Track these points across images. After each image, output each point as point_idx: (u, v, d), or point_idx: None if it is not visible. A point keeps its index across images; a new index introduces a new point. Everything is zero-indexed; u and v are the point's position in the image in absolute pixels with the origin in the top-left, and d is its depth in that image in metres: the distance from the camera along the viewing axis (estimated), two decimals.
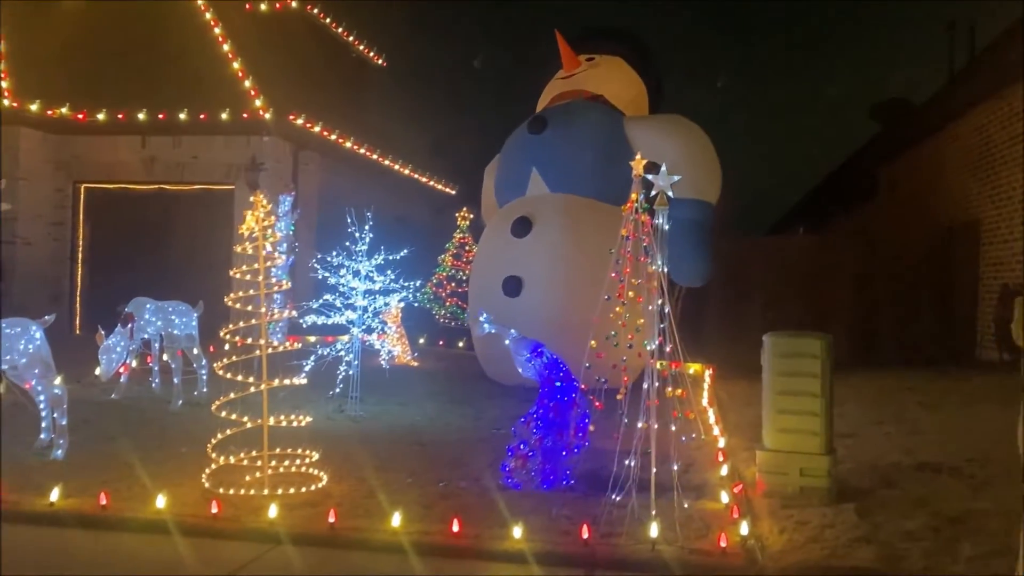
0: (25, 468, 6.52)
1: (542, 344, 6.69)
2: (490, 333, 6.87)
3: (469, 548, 5.02)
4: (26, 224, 16.40)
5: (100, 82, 16.43)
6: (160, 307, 9.41)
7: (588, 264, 11.31)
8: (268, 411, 6.28)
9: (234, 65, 16.49)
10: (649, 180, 9.10)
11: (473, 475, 6.68)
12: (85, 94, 16.29)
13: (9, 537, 5.25)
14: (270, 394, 6.34)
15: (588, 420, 6.51)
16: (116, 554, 5.02)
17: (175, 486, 6.03)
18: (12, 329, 6.78)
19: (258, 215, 6.26)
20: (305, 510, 5.63)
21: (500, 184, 12.90)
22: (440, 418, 9.33)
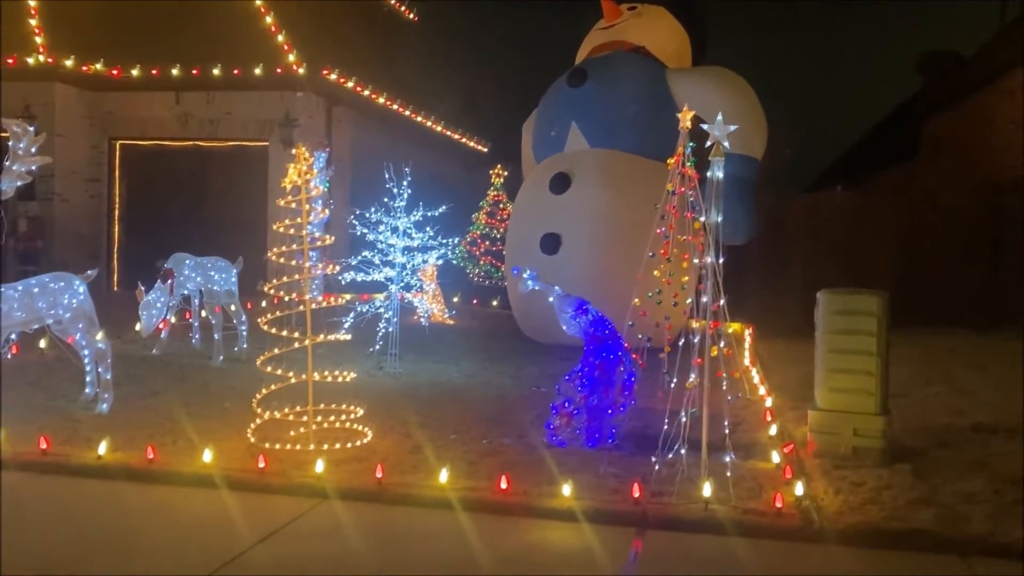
0: (71, 422, 6.56)
1: (587, 301, 6.56)
2: (533, 290, 6.73)
3: (517, 505, 4.96)
4: (63, 181, 16.47)
5: (134, 37, 16.32)
6: (199, 263, 9.39)
7: (628, 220, 11.12)
8: (311, 367, 6.24)
9: (267, 20, 16.29)
10: (699, 132, 8.90)
11: (517, 432, 6.62)
12: (119, 49, 16.20)
13: (58, 489, 5.29)
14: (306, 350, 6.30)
15: (634, 378, 6.39)
16: (164, 507, 5.02)
17: (221, 441, 6.03)
18: (56, 284, 6.77)
19: (300, 168, 6.14)
20: (351, 465, 5.60)
21: (538, 139, 12.67)
22: (479, 375, 9.27)
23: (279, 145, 16.01)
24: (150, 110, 16.71)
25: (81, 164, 16.87)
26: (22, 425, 6.31)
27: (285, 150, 16.01)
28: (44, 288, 6.66)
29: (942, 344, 11.68)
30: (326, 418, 6.35)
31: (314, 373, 6.25)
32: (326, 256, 13.26)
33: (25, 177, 6.52)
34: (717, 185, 5.54)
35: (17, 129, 6.52)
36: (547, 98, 12.63)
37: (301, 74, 15.61)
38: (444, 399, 7.93)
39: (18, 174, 6.46)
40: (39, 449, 5.66)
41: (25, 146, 6.46)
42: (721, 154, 5.53)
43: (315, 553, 4.39)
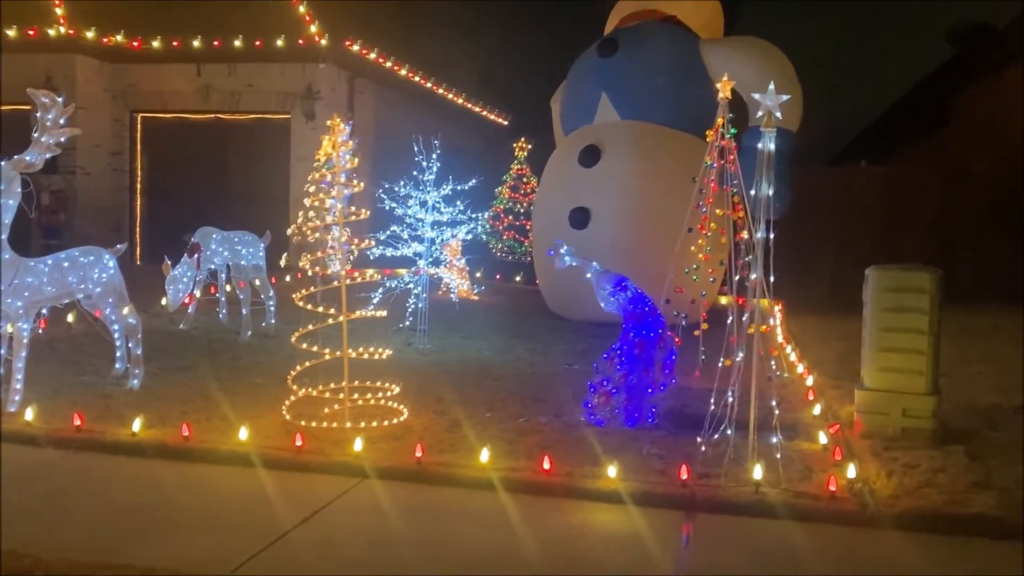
0: (102, 397, 6.48)
1: (626, 278, 6.38)
2: (570, 266, 6.56)
3: (561, 486, 4.84)
4: (85, 154, 16.40)
5: (154, 9, 16.16)
6: (226, 237, 9.28)
7: (659, 194, 10.92)
8: (346, 344, 6.12)
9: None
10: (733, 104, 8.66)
11: (553, 411, 6.49)
12: (140, 21, 16.06)
13: (93, 466, 5.22)
14: (337, 326, 6.18)
15: (675, 357, 6.23)
16: (202, 486, 4.93)
17: (255, 418, 5.94)
18: (86, 258, 6.67)
19: (335, 140, 5.98)
20: (388, 444, 5.50)
21: (567, 111, 12.43)
22: (508, 352, 9.15)
23: (301, 118, 15.86)
24: (171, 83, 16.59)
25: (103, 137, 16.80)
26: (54, 400, 6.26)
27: (307, 123, 15.89)
28: (74, 262, 6.56)
29: (981, 321, 11.44)
30: (361, 395, 6.24)
31: (349, 350, 6.13)
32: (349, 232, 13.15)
33: (54, 149, 6.39)
34: (769, 158, 5.31)
35: (45, 100, 6.39)
36: (576, 69, 12.37)
37: (323, 45, 15.41)
38: (476, 376, 7.81)
39: (46, 146, 6.34)
40: (73, 426, 5.58)
41: (53, 117, 6.32)
42: (773, 125, 5.31)
43: (359, 533, 4.29)
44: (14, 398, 6.05)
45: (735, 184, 7.79)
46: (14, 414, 5.91)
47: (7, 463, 5.15)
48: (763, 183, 5.34)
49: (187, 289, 8.88)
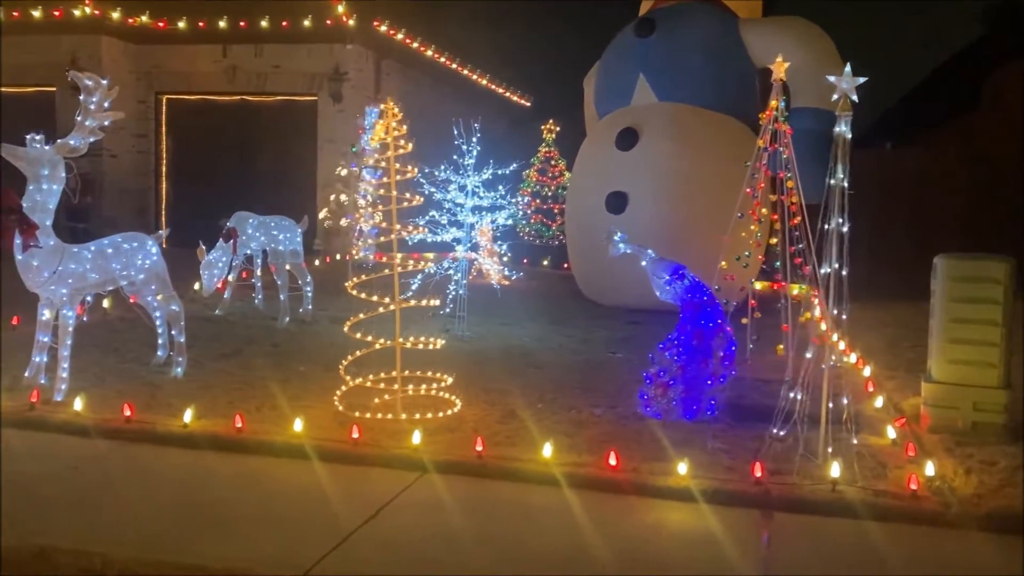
0: (147, 386, 6.38)
1: (683, 266, 6.21)
2: (624, 254, 6.38)
3: (629, 483, 4.69)
4: (111, 136, 16.21)
5: None
6: (263, 222, 9.15)
7: (700, 178, 10.72)
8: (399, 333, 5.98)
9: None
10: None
11: (606, 402, 6.34)
12: (165, 1, 15.89)
13: (146, 458, 5.11)
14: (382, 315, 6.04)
15: (734, 347, 6.06)
16: (260, 480, 4.81)
17: (305, 408, 5.82)
18: (129, 244, 6.55)
19: (390, 124, 5.81)
20: (443, 436, 5.36)
21: (602, 92, 12.20)
22: (548, 339, 9.00)
23: (328, 99, 15.68)
24: (197, 64, 16.44)
25: (128, 119, 16.63)
26: (99, 389, 6.16)
27: (334, 104, 15.71)
28: (118, 248, 6.44)
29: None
30: (415, 386, 6.10)
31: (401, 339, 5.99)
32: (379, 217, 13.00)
33: (97, 133, 6.28)
34: (845, 143, 5.10)
35: (89, 83, 6.26)
36: (612, 49, 12.13)
37: (351, 25, 15.20)
38: (520, 365, 7.67)
39: (90, 129, 6.23)
40: (123, 416, 5.47)
41: (98, 100, 6.19)
42: (849, 108, 5.09)
43: (427, 532, 4.16)
44: (60, 387, 5.95)
45: (788, 169, 7.58)
46: (61, 403, 5.81)
47: (56, 455, 5.05)
48: (838, 169, 5.10)
49: (222, 274, 8.75)
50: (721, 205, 10.79)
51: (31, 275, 5.94)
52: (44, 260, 5.93)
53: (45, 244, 5.93)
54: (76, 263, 6.09)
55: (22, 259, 5.91)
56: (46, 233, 5.97)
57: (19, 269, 5.97)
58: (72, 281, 6.08)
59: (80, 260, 6.13)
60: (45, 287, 6.01)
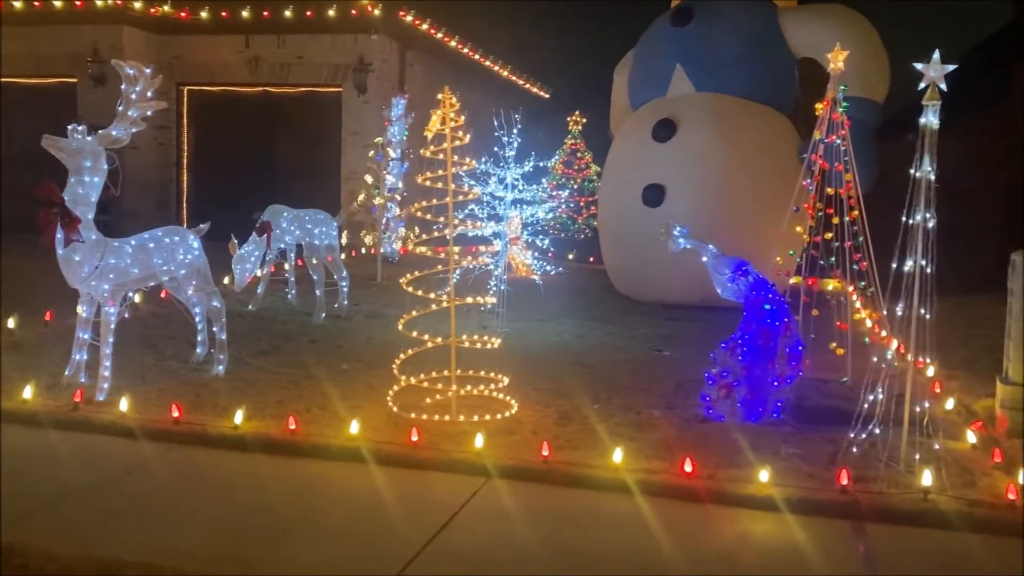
0: (189, 385, 6.19)
1: (747, 262, 5.98)
2: (685, 249, 6.16)
3: (707, 490, 4.47)
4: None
5: None
6: (297, 216, 8.95)
7: (740, 170, 10.47)
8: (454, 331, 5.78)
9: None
10: (818, 76, 8.10)
11: (663, 403, 6.12)
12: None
13: (195, 461, 4.92)
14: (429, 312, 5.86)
15: (802, 347, 5.83)
16: (318, 484, 4.62)
17: (355, 408, 5.62)
18: (170, 238, 6.35)
19: (447, 113, 5.58)
20: (503, 439, 5.15)
21: (636, 83, 11.93)
22: (589, 336, 8.78)
23: (353, 91, 15.46)
24: (219, 54, 16.21)
25: None
26: (141, 388, 5.97)
27: (359, 96, 15.49)
28: (159, 243, 6.25)
29: None
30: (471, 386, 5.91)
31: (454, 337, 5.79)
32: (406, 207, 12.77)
33: (139, 124, 6.07)
34: (932, 134, 4.85)
35: (131, 71, 6.06)
36: (647, 39, 11.86)
37: (376, 15, 14.95)
38: (565, 363, 7.45)
39: (132, 120, 6.02)
40: (171, 417, 5.29)
41: (141, 90, 5.99)
42: (936, 97, 4.83)
43: (501, 542, 3.96)
44: (103, 386, 5.77)
45: (846, 161, 7.34)
46: (104, 403, 5.63)
47: (107, 458, 4.87)
48: (924, 161, 4.85)
49: (253, 269, 8.57)
50: (761, 198, 10.58)
51: (72, 270, 5.75)
52: (86, 255, 5.74)
53: (87, 239, 5.74)
54: (118, 258, 5.91)
55: (63, 254, 5.73)
56: (88, 227, 5.79)
57: (60, 264, 5.79)
58: (113, 276, 5.89)
59: (122, 255, 5.95)
60: (86, 283, 5.83)
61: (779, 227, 7.46)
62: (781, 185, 10.75)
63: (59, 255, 5.75)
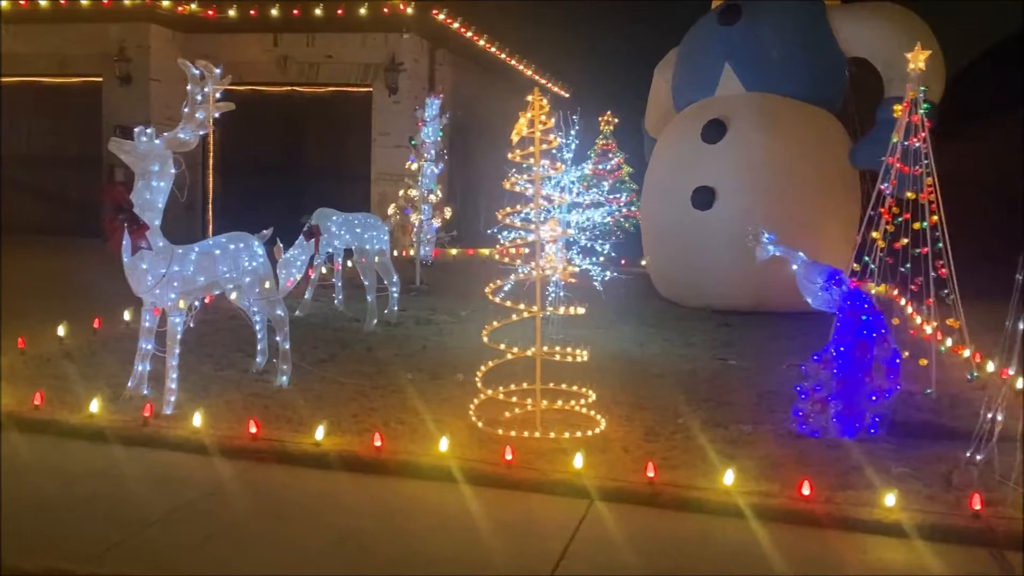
0: (255, 397, 5.95)
1: (839, 271, 5.73)
2: (773, 256, 5.91)
3: (827, 515, 4.23)
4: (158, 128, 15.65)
5: None
6: (347, 220, 8.72)
7: (793, 172, 10.25)
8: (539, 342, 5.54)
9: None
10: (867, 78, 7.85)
11: (748, 417, 5.87)
12: None
13: (278, 481, 4.69)
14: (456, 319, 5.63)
15: (899, 359, 5.59)
16: (417, 506, 4.38)
17: (437, 422, 5.40)
18: (235, 244, 6.12)
19: (537, 115, 5.34)
20: (597, 457, 4.89)
21: (681, 82, 11.68)
22: (649, 344, 8.55)
23: (384, 90, 15.23)
24: (246, 53, 15.99)
25: (176, 110, 16.19)
26: (206, 401, 5.74)
27: (390, 96, 15.27)
28: (224, 249, 6.02)
29: None
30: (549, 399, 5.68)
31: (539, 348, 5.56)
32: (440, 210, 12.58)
33: (206, 126, 5.85)
34: None
35: (196, 72, 5.83)
36: (693, 37, 11.62)
37: (409, 14, 14.72)
38: (634, 373, 7.21)
39: (200, 122, 5.80)
40: (248, 433, 5.06)
41: (209, 92, 5.76)
42: None
43: (626, 571, 3.73)
44: (169, 399, 5.54)
45: (927, 164, 7.09)
46: (172, 417, 5.41)
47: (186, 478, 4.64)
48: None
49: (299, 274, 8.33)
50: (814, 200, 10.34)
51: (139, 278, 5.52)
52: (153, 263, 5.51)
53: (155, 246, 5.51)
54: (184, 266, 5.67)
55: (130, 262, 5.50)
56: (156, 234, 5.56)
57: (127, 272, 5.56)
58: (179, 285, 5.66)
59: (188, 262, 5.71)
60: (152, 291, 5.60)
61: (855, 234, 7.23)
62: (833, 187, 10.54)
63: (125, 263, 5.52)
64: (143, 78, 15.41)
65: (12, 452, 4.91)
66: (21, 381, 6.01)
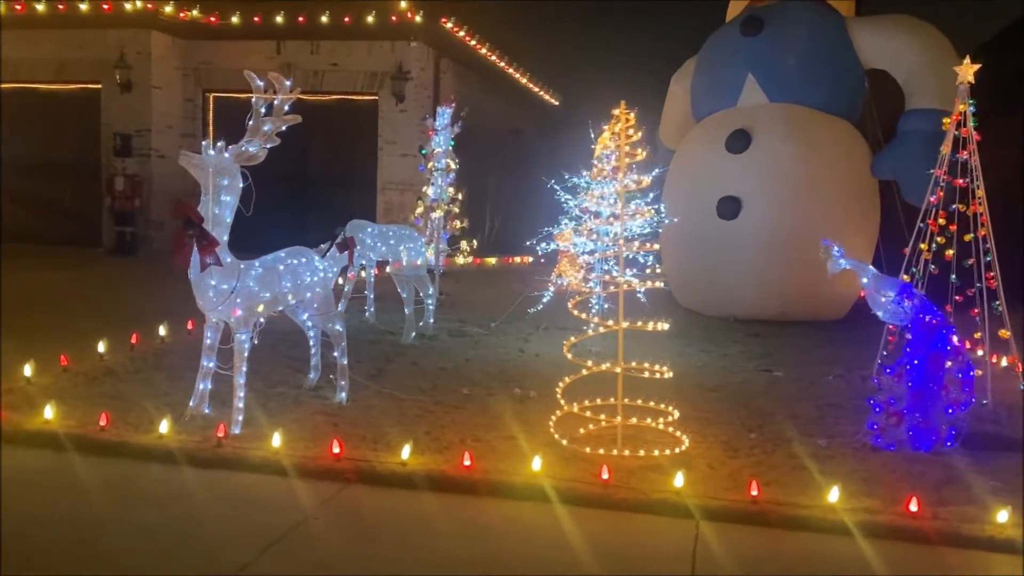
0: (319, 415, 5.83)
1: (909, 284, 5.76)
2: (844, 270, 5.91)
3: (937, 532, 4.21)
4: (159, 136, 15.64)
5: None
6: (382, 232, 8.62)
7: (818, 182, 10.33)
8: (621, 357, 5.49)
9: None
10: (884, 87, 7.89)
11: (819, 431, 5.86)
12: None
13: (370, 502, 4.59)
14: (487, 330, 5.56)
15: (973, 372, 5.62)
16: (516, 528, 4.30)
17: (512, 439, 5.34)
18: (296, 259, 6.00)
19: (623, 129, 5.30)
20: (688, 476, 4.85)
21: (701, 93, 11.72)
22: (685, 355, 8.53)
23: (390, 99, 15.11)
24: (248, 61, 15.71)
25: (175, 118, 16.03)
26: (269, 419, 5.61)
27: (396, 104, 15.15)
28: (287, 265, 5.90)
29: None
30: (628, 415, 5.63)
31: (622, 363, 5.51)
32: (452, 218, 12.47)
33: (274, 139, 5.73)
34: None
35: (261, 83, 5.72)
36: (714, 47, 11.66)
37: (417, 22, 14.62)
38: (690, 387, 7.13)
39: (267, 135, 5.67)
40: (331, 453, 4.94)
41: (279, 104, 5.65)
42: None
43: None
44: (237, 418, 5.40)
45: (973, 177, 7.14)
46: (244, 437, 5.27)
47: (281, 502, 4.52)
48: None
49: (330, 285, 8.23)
50: (838, 209, 10.42)
51: (208, 295, 5.38)
52: (221, 279, 5.38)
53: (223, 261, 5.38)
54: (251, 282, 5.54)
55: (198, 278, 5.35)
56: (224, 250, 5.42)
57: (195, 289, 5.42)
58: (243, 301, 5.52)
59: (254, 278, 5.58)
60: (219, 308, 5.46)
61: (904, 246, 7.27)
62: (855, 197, 10.63)
63: (192, 279, 5.38)
64: (144, 85, 15.13)
65: (91, 475, 4.76)
66: (75, 400, 5.84)
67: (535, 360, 7.95)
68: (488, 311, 10.34)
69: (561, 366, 6.44)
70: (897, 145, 10.44)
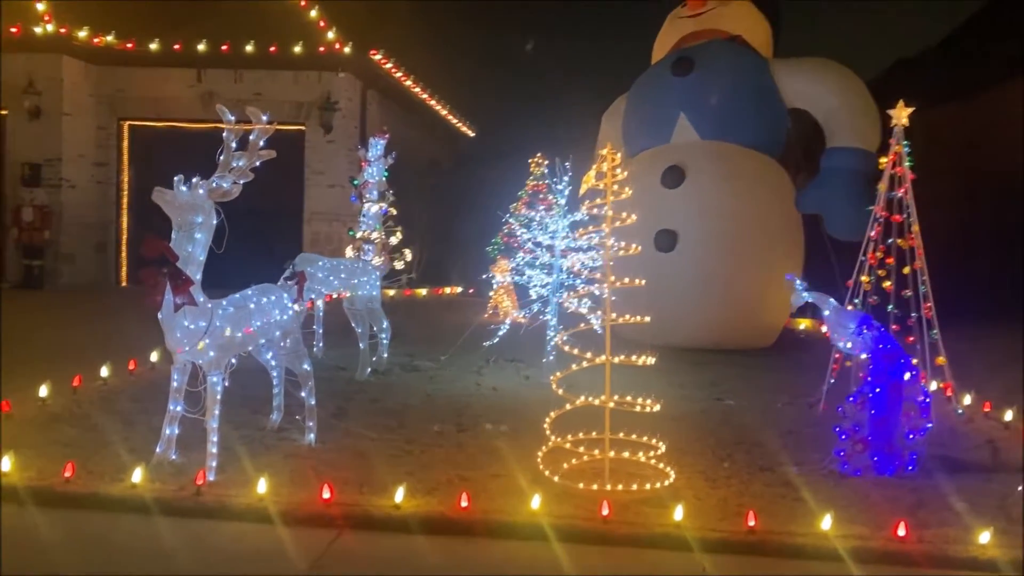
0: (291, 459, 5.66)
1: (869, 315, 6.06)
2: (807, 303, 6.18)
3: (923, 554, 4.42)
4: (70, 165, 14.94)
5: (152, 7, 14.88)
6: (334, 266, 8.46)
7: (749, 217, 10.74)
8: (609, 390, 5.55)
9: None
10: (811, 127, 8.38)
11: (787, 458, 6.05)
12: (134, 20, 14.75)
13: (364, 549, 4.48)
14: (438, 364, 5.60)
15: (929, 399, 5.93)
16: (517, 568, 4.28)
17: (498, 477, 5.32)
18: (266, 297, 5.84)
19: (609, 168, 5.40)
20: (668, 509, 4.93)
21: (633, 130, 12.05)
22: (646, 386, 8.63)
23: (317, 129, 14.91)
24: (166, 88, 15.33)
25: (88, 146, 15.34)
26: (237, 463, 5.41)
27: (325, 135, 14.96)
28: (257, 304, 5.73)
29: None
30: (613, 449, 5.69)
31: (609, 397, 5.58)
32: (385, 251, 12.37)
33: (247, 175, 5.58)
34: None
35: (232, 118, 5.58)
36: (644, 86, 12.03)
37: (347, 53, 14.52)
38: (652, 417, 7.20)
39: (240, 170, 5.53)
40: (320, 499, 4.79)
41: (255, 138, 5.52)
42: None
43: None
44: (211, 464, 5.19)
45: (908, 213, 7.58)
46: (221, 485, 5.06)
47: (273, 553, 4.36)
48: None
49: None
50: (767, 243, 10.87)
51: (181, 336, 5.16)
52: (195, 320, 5.17)
53: (197, 301, 5.18)
54: (224, 322, 5.35)
55: (167, 318, 5.13)
56: (197, 289, 5.22)
57: (165, 329, 5.19)
58: (214, 341, 5.33)
59: (226, 318, 5.39)
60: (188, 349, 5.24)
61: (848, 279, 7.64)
62: (781, 230, 11.11)
63: (161, 319, 5.16)
64: (55, 112, 14.45)
65: (63, 531, 4.48)
66: (27, 449, 5.47)
67: (495, 394, 7.93)
68: (434, 344, 10.26)
69: (525, 400, 6.45)
70: (821, 182, 11.00)
